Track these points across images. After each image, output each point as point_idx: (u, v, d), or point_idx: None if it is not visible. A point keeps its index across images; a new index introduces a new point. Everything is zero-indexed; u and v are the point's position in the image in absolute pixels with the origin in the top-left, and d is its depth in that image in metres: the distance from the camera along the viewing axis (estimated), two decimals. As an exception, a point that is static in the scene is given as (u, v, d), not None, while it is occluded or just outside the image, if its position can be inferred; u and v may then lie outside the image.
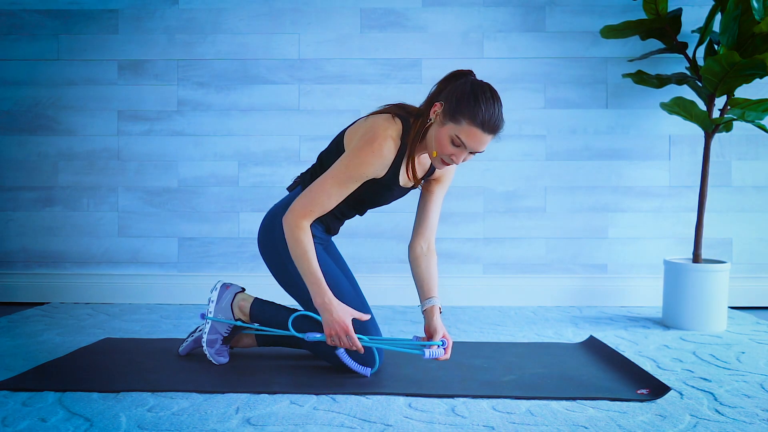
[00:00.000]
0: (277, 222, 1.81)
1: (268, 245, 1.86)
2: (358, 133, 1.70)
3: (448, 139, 1.62)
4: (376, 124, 1.68)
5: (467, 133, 1.59)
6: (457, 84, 1.65)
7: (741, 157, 2.91)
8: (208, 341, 1.85)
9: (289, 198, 1.86)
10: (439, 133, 1.64)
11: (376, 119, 1.70)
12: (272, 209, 1.89)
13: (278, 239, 1.81)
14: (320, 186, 1.67)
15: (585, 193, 2.94)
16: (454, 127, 1.60)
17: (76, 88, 2.97)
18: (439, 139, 1.63)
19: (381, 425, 1.40)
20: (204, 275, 2.95)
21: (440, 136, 1.63)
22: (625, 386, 1.67)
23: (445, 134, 1.62)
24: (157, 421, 1.41)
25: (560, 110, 2.92)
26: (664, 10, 2.47)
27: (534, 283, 2.92)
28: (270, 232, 1.85)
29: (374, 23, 2.93)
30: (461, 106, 1.60)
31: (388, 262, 2.94)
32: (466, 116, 1.59)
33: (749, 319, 2.61)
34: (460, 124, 1.60)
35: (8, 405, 1.52)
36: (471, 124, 1.59)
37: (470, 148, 1.62)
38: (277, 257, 1.84)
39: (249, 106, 2.96)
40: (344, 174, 1.66)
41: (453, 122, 1.61)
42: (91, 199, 2.98)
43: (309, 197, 1.68)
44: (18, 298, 2.98)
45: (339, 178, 1.66)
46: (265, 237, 1.87)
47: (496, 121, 1.60)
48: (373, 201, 1.82)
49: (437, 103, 1.65)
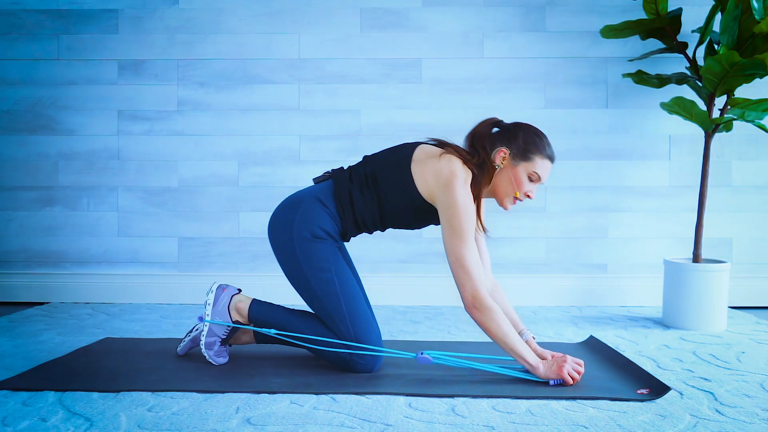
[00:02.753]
0: (301, 211, 1.80)
1: (283, 236, 1.81)
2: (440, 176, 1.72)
3: (525, 177, 1.77)
4: (457, 171, 1.72)
5: (541, 166, 1.77)
6: (508, 130, 1.80)
7: (741, 157, 2.91)
8: (206, 344, 1.85)
9: (316, 189, 1.84)
10: (514, 174, 1.77)
11: (456, 165, 1.73)
12: (293, 198, 1.85)
13: (296, 233, 1.78)
14: (463, 256, 1.68)
15: (585, 193, 2.94)
16: (528, 165, 1.76)
17: (76, 88, 2.97)
18: (517, 179, 1.77)
19: (381, 425, 1.40)
20: (204, 275, 2.95)
21: (517, 176, 1.77)
22: (625, 386, 1.67)
23: (521, 173, 1.77)
24: (157, 421, 1.41)
25: (560, 110, 2.92)
26: (664, 10, 2.47)
27: (534, 283, 2.92)
28: (287, 224, 1.81)
29: (374, 23, 2.93)
30: (529, 145, 1.76)
31: (388, 262, 2.94)
32: (537, 153, 1.76)
33: (749, 319, 2.61)
34: (533, 161, 1.76)
35: (8, 405, 1.52)
36: (543, 158, 1.77)
37: (543, 180, 1.79)
38: (291, 252, 1.80)
39: (249, 106, 2.96)
40: (469, 231, 1.70)
41: (525, 161, 1.76)
42: (90, 198, 2.98)
43: (465, 272, 1.68)
44: (18, 298, 2.98)
45: (467, 236, 1.70)
46: (280, 228, 1.83)
47: (551, 148, 1.80)
48: (410, 225, 1.88)
49: (501, 149, 1.77)
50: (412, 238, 2.94)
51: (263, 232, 2.96)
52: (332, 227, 1.81)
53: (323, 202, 1.81)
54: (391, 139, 2.91)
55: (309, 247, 1.77)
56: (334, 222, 1.81)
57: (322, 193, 1.83)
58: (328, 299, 1.76)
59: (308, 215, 1.79)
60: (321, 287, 1.77)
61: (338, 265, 1.78)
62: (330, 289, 1.76)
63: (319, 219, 1.79)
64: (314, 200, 1.81)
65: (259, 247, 2.96)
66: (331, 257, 1.78)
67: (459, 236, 1.69)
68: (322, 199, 1.81)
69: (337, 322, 1.76)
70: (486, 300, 1.67)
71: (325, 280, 1.76)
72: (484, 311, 1.67)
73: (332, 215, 1.81)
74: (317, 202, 1.81)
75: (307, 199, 1.81)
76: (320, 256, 1.77)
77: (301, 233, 1.77)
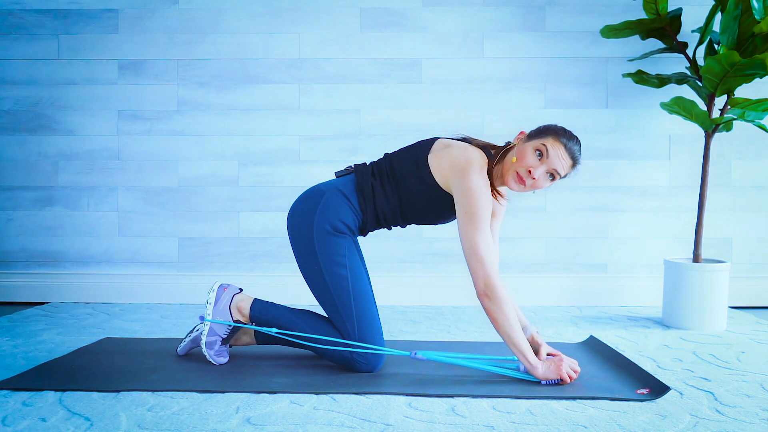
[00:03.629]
0: (323, 203, 1.80)
1: (303, 226, 1.81)
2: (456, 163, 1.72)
3: (532, 150, 1.71)
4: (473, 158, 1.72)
5: (552, 143, 1.70)
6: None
7: (741, 157, 2.91)
8: (207, 343, 1.85)
9: (338, 182, 1.85)
10: (522, 148, 1.73)
11: (473, 153, 1.74)
12: (314, 190, 1.85)
13: (316, 224, 1.78)
14: (477, 243, 1.67)
15: (585, 193, 2.94)
16: (538, 140, 1.71)
17: (76, 88, 2.97)
18: (522, 152, 1.72)
19: (381, 425, 1.40)
20: (204, 275, 2.95)
21: (523, 150, 1.72)
22: (625, 386, 1.67)
23: (529, 147, 1.72)
24: (157, 421, 1.41)
25: (560, 110, 2.92)
26: (664, 9, 2.47)
27: (534, 283, 2.92)
28: (308, 214, 1.81)
29: (374, 23, 2.93)
30: (547, 128, 1.74)
31: (388, 261, 2.94)
32: (552, 134, 1.72)
33: (749, 318, 2.61)
34: (544, 138, 1.71)
35: (8, 405, 1.52)
36: (555, 139, 1.71)
37: (551, 162, 1.70)
38: (309, 243, 1.79)
39: (249, 105, 2.96)
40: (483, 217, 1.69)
41: (537, 138, 1.73)
42: (90, 198, 2.98)
43: (477, 259, 1.67)
44: (18, 298, 2.98)
45: (482, 223, 1.68)
46: (300, 218, 1.82)
47: (576, 145, 1.73)
48: (431, 218, 1.87)
49: (522, 131, 1.78)
50: (412, 238, 2.94)
51: (263, 232, 2.96)
52: (353, 221, 1.81)
53: (346, 195, 1.82)
54: (391, 139, 2.92)
55: (327, 240, 1.78)
56: (355, 216, 1.82)
57: (345, 186, 1.84)
58: (339, 294, 1.77)
59: (330, 207, 1.79)
60: (334, 281, 1.77)
61: (353, 261, 1.79)
62: (342, 284, 1.77)
63: (341, 212, 1.79)
64: (337, 193, 1.82)
65: (259, 247, 2.96)
66: (347, 252, 1.79)
67: (473, 223, 1.68)
68: (344, 192, 1.82)
69: (343, 317, 1.76)
70: (498, 289, 1.66)
71: (339, 274, 1.77)
72: (494, 300, 1.66)
73: (354, 209, 1.82)
74: (340, 194, 1.82)
75: (330, 192, 1.82)
76: (337, 250, 1.78)
77: (322, 225, 1.78)
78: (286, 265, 2.95)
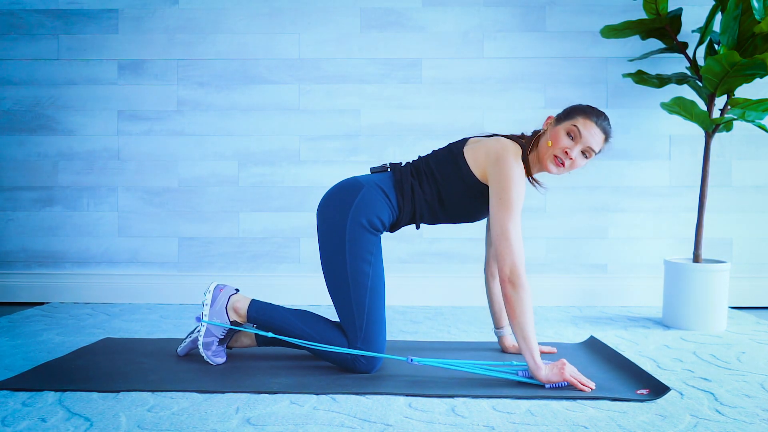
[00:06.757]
0: (361, 195, 1.79)
1: (336, 216, 1.80)
2: (491, 152, 1.75)
3: (564, 132, 1.76)
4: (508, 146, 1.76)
5: (583, 123, 1.74)
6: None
7: (741, 157, 2.91)
8: (204, 344, 1.84)
9: (376, 177, 1.85)
10: (554, 131, 1.78)
11: (507, 143, 1.77)
12: (352, 182, 1.84)
13: (352, 216, 1.78)
14: (508, 229, 1.67)
15: (585, 193, 2.94)
16: (568, 122, 1.76)
17: (76, 88, 2.97)
18: (555, 135, 1.77)
19: (381, 425, 1.40)
20: (204, 275, 2.95)
21: (556, 133, 1.77)
22: (625, 386, 1.67)
23: (561, 129, 1.76)
24: (157, 421, 1.41)
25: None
26: (664, 10, 2.46)
27: (534, 283, 2.92)
28: (344, 205, 1.80)
29: (374, 23, 2.93)
30: (574, 109, 1.79)
31: (388, 261, 2.94)
32: (580, 113, 1.76)
33: (749, 319, 2.61)
34: (574, 119, 1.76)
35: (8, 405, 1.52)
36: (585, 118, 1.75)
37: (584, 140, 1.74)
38: (340, 233, 1.78)
39: (249, 106, 2.96)
40: (516, 204, 1.70)
41: (566, 120, 1.77)
42: (90, 198, 2.98)
43: (507, 245, 1.66)
44: (18, 298, 2.98)
45: (515, 209, 1.69)
46: (335, 207, 1.81)
47: (606, 121, 1.77)
48: (470, 213, 1.88)
49: (550, 116, 1.83)
50: (412, 238, 2.94)
51: (263, 232, 2.96)
52: (388, 217, 1.82)
53: (384, 191, 1.82)
54: (391, 139, 2.92)
55: (359, 235, 1.77)
56: (391, 212, 1.82)
57: (383, 182, 1.84)
58: (357, 289, 1.76)
59: (368, 202, 1.79)
60: (355, 276, 1.77)
61: (378, 260, 1.79)
62: (362, 281, 1.76)
63: (378, 207, 1.79)
64: (375, 187, 1.82)
65: (259, 247, 2.96)
66: (374, 250, 1.79)
67: (506, 209, 1.69)
68: (383, 187, 1.82)
69: (354, 312, 1.76)
70: (523, 278, 1.66)
71: (363, 271, 1.77)
72: (518, 288, 1.65)
73: (391, 205, 1.82)
74: (378, 189, 1.82)
75: (368, 185, 1.82)
76: (366, 246, 1.78)
77: (357, 218, 1.77)
78: (287, 265, 2.95)
